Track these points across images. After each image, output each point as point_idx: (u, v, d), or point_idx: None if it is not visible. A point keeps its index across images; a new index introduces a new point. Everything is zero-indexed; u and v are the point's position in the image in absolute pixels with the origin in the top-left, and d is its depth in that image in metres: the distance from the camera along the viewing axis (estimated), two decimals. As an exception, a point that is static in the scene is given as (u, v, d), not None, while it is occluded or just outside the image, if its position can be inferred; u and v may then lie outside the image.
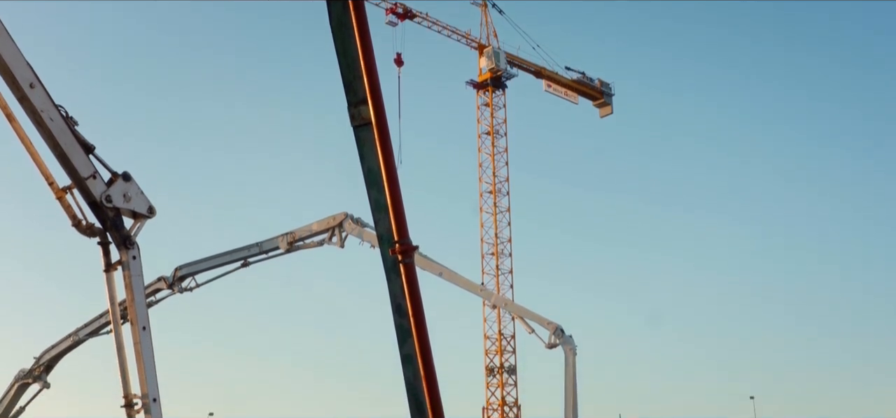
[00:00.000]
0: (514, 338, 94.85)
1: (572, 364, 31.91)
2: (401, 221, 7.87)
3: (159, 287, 30.52)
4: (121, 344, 21.07)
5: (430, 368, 7.08)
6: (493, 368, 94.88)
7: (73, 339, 31.09)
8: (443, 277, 31.24)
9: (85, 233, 14.81)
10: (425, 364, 7.09)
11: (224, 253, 30.65)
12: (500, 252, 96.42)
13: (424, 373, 7.06)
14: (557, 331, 32.25)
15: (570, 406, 31.43)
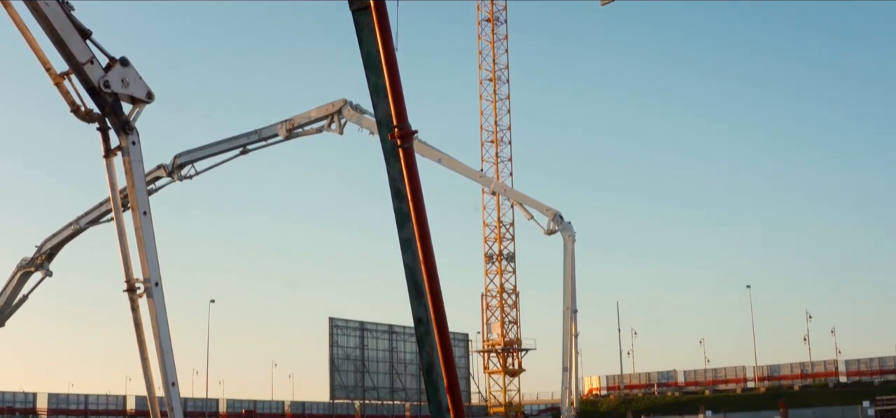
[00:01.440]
0: (513, 225, 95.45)
1: (571, 250, 32.09)
2: (400, 105, 7.83)
3: (159, 175, 30.53)
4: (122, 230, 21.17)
5: (428, 252, 7.10)
6: (492, 255, 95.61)
7: (74, 228, 31.22)
8: (442, 164, 31.22)
9: (84, 119, 14.76)
10: (424, 248, 7.11)
11: (223, 140, 30.59)
12: (499, 139, 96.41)
13: (423, 257, 7.08)
14: (556, 218, 32.36)
15: (569, 291, 31.71)
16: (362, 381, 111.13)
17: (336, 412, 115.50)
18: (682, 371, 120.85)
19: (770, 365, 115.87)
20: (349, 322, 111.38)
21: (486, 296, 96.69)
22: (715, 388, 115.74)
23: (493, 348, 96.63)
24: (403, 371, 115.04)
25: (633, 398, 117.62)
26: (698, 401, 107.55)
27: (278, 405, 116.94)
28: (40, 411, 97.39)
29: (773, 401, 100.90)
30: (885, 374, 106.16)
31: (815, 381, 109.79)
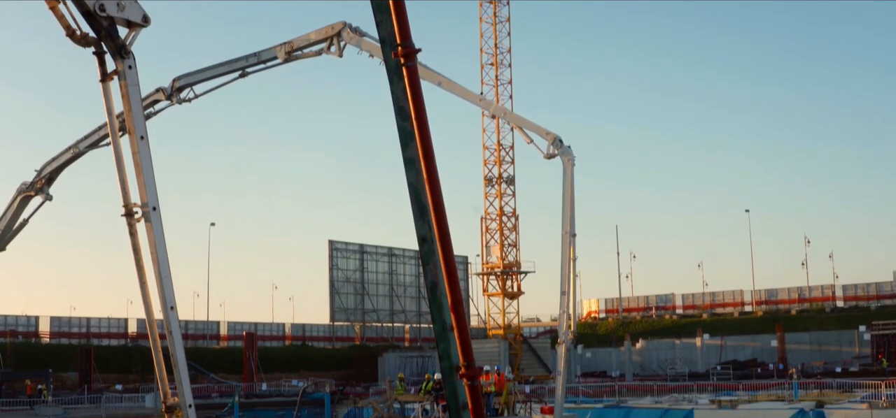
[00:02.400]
0: (512, 149, 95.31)
1: (570, 174, 31.96)
2: (403, 23, 7.73)
3: (157, 98, 30.32)
4: (119, 155, 21.07)
5: (432, 170, 7.06)
6: (492, 178, 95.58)
7: (73, 151, 31.10)
8: (442, 87, 30.98)
9: (79, 43, 14.60)
10: (427, 166, 7.06)
11: (222, 63, 30.34)
12: (499, 62, 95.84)
13: (427, 176, 7.04)
14: (556, 142, 32.17)
15: (568, 215, 31.64)
16: (362, 304, 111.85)
17: (336, 334, 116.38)
18: (680, 294, 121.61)
19: (768, 290, 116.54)
20: (349, 245, 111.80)
21: (485, 219, 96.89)
22: (712, 312, 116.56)
23: (493, 271, 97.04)
24: (403, 293, 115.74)
25: (631, 321, 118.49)
26: (696, 325, 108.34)
27: (279, 327, 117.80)
28: (42, 334, 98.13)
29: (771, 325, 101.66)
30: (882, 299, 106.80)
31: (812, 306, 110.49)
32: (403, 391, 45.45)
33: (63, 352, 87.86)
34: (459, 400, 7.92)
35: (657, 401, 51.98)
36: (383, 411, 41.49)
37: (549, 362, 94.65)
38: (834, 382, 56.41)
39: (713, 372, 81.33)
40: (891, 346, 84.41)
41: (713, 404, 47.48)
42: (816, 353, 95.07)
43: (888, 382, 48.95)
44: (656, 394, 57.99)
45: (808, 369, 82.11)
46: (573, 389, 58.01)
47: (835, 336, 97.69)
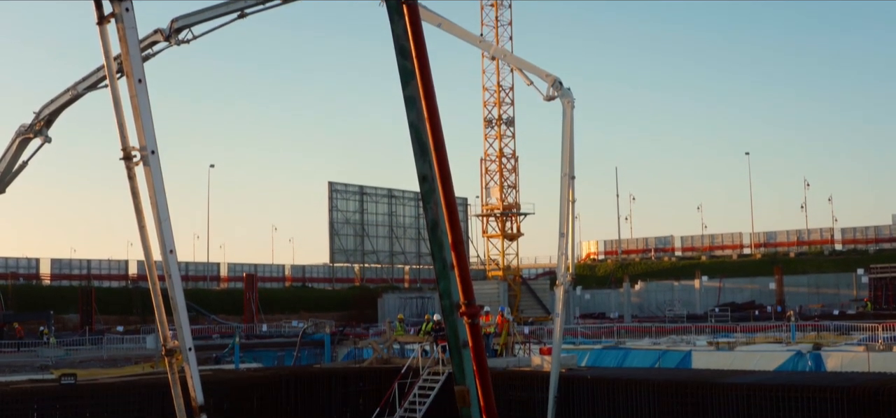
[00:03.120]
0: (512, 90, 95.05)
1: (570, 116, 31.89)
2: (403, -38, 7.66)
3: (156, 39, 30.11)
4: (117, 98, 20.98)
5: (432, 109, 7.05)
6: (492, 120, 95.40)
7: (71, 93, 30.97)
8: (441, 28, 30.80)
9: (77, -17, 14.50)
10: (428, 105, 7.05)
11: (221, 3, 30.11)
12: (499, 3, 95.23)
13: (427, 114, 7.03)
14: (556, 84, 32.06)
15: (567, 157, 31.62)
16: (362, 245, 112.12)
17: (336, 275, 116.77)
18: (679, 237, 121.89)
19: (766, 232, 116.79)
20: (348, 186, 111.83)
21: (485, 161, 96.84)
22: (711, 254, 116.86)
23: (492, 212, 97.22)
24: (403, 235, 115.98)
25: (630, 263, 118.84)
26: (695, 267, 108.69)
27: (279, 268, 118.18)
28: (43, 276, 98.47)
29: (769, 268, 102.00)
30: (881, 243, 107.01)
31: (811, 249, 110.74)
32: (403, 332, 45.72)
33: (64, 294, 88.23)
34: (460, 337, 7.99)
35: (655, 343, 52.30)
36: (383, 352, 41.76)
37: (547, 303, 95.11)
38: (831, 325, 56.69)
39: (711, 314, 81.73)
40: (888, 289, 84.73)
41: (711, 346, 47.79)
42: (814, 296, 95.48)
43: (885, 325, 49.20)
44: (654, 336, 58.32)
45: (806, 312, 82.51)
46: (572, 330, 58.35)
47: (833, 279, 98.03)
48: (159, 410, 32.80)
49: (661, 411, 29.31)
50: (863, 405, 25.12)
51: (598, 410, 30.88)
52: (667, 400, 29.26)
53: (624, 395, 30.27)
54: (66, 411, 31.90)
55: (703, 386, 28.70)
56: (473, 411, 8.44)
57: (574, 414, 31.33)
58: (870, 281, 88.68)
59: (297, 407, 36.60)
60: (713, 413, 28.08)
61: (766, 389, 27.13)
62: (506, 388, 33.28)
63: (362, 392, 38.15)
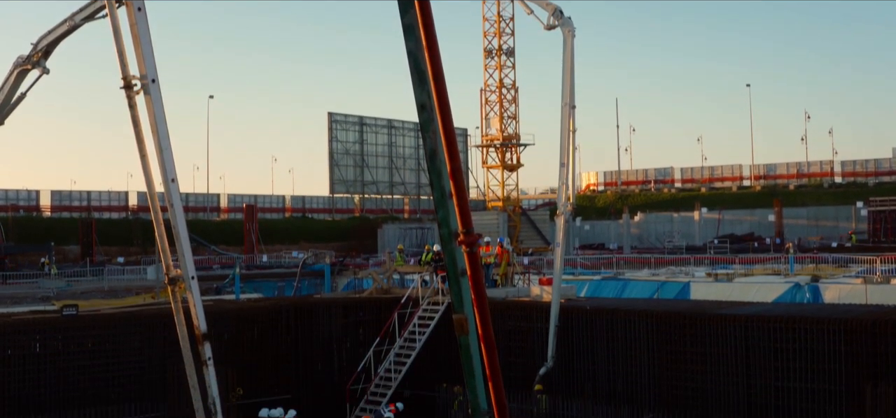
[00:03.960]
0: (512, 20, 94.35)
1: (570, 45, 31.74)
2: None
3: (153, -33, 29.84)
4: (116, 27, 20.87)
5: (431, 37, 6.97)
6: (492, 50, 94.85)
7: (69, 24, 30.75)
8: (441, -43, 30.54)
9: None
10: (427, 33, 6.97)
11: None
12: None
13: (426, 42, 6.95)
14: (556, 12, 31.86)
15: (568, 87, 31.52)
16: (362, 176, 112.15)
17: (336, 206, 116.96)
18: (679, 168, 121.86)
19: (766, 164, 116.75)
20: (348, 117, 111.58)
21: (485, 91, 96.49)
22: (711, 186, 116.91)
23: (492, 143, 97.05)
24: (402, 165, 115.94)
25: (630, 194, 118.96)
26: (694, 199, 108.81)
27: (279, 199, 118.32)
28: (44, 208, 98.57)
29: (769, 200, 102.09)
30: (880, 176, 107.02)
31: (811, 181, 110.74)
32: (403, 262, 45.91)
33: (64, 226, 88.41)
34: (458, 266, 8.00)
35: (654, 274, 52.51)
36: (383, 282, 41.96)
37: (547, 234, 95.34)
38: (830, 257, 56.83)
39: (710, 245, 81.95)
40: (887, 223, 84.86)
41: (710, 277, 47.95)
42: (813, 228, 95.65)
43: (884, 257, 49.35)
44: (653, 267, 58.53)
45: (805, 244, 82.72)
46: (571, 261, 58.53)
47: (832, 211, 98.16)
48: (161, 340, 33.06)
49: (660, 341, 29.54)
50: (860, 336, 25.30)
51: (596, 340, 31.11)
52: (665, 331, 29.47)
53: (623, 326, 30.47)
54: (68, 341, 32.14)
55: (701, 318, 28.88)
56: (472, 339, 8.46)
57: (573, 343, 31.56)
58: (869, 214, 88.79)
59: (297, 336, 36.87)
60: (711, 343, 28.30)
61: (764, 320, 27.31)
62: (505, 318, 33.51)
63: (362, 322, 38.39)
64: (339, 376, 37.00)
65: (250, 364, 35.01)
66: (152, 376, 32.62)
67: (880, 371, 24.71)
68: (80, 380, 31.68)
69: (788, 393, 26.54)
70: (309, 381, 36.65)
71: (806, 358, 26.28)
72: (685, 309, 30.88)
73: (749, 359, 27.50)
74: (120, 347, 32.81)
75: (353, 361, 36.79)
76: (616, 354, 30.59)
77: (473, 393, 10.28)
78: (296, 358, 36.72)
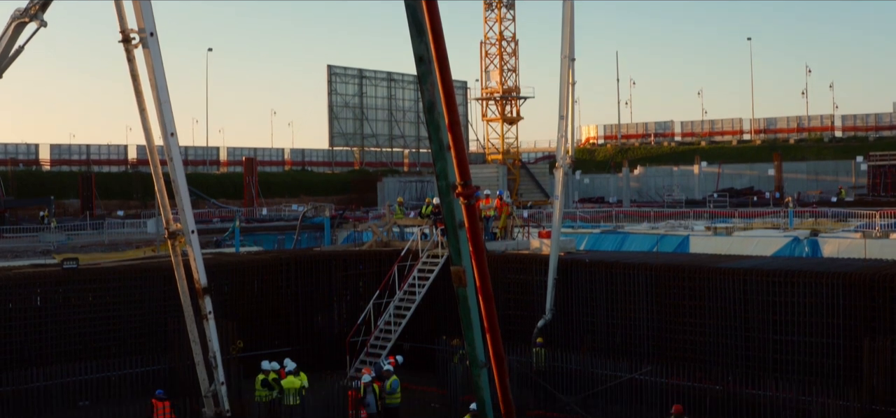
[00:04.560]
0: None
1: None
2: None
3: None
4: (114, -22, 20.71)
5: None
6: (492, 2, 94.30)
7: (66, -26, 30.57)
8: None
9: None
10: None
11: None
12: None
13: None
14: (557, -35, 31.66)
15: (568, 39, 31.41)
16: (361, 129, 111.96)
17: (335, 159, 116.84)
18: (679, 122, 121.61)
19: (767, 118, 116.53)
20: (347, 69, 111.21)
21: (484, 44, 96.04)
22: (711, 140, 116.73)
23: (492, 96, 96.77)
24: (402, 118, 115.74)
25: (630, 148, 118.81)
26: (694, 152, 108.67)
27: (278, 152, 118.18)
28: (43, 162, 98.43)
29: (769, 154, 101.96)
30: (881, 130, 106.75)
31: (811, 135, 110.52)
32: (402, 215, 45.94)
33: (64, 180, 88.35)
34: (456, 218, 8.02)
35: (654, 228, 52.56)
36: (382, 235, 42.02)
37: (547, 187, 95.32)
38: (829, 212, 56.84)
39: (710, 199, 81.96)
40: (887, 177, 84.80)
41: (709, 231, 48.00)
42: (813, 183, 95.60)
43: (883, 212, 49.38)
44: (653, 221, 58.57)
45: (805, 198, 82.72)
46: (570, 214, 58.56)
47: (832, 166, 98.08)
48: (161, 293, 33.18)
49: (659, 294, 29.63)
50: (858, 291, 25.37)
51: (595, 293, 31.20)
52: (664, 284, 29.56)
53: (621, 279, 30.55)
54: (69, 295, 32.24)
55: (700, 271, 28.95)
56: (469, 291, 8.53)
57: (572, 296, 31.66)
58: (869, 168, 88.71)
59: (297, 290, 36.99)
60: (710, 297, 28.39)
61: (763, 274, 27.38)
62: (504, 271, 33.59)
63: (362, 275, 38.52)
64: (338, 329, 37.19)
65: (250, 316, 35.18)
66: (153, 329, 32.77)
67: (878, 325, 24.81)
68: (80, 334, 31.82)
69: (786, 346, 26.66)
70: (309, 334, 36.85)
71: (804, 312, 26.37)
72: (684, 262, 30.93)
73: (747, 313, 27.61)
74: (120, 301, 32.92)
75: (352, 314, 36.96)
76: (615, 307, 30.70)
77: (471, 344, 10.35)
78: (296, 310, 36.88)
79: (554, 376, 28.40)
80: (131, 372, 29.64)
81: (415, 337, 35.62)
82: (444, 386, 29.24)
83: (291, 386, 26.14)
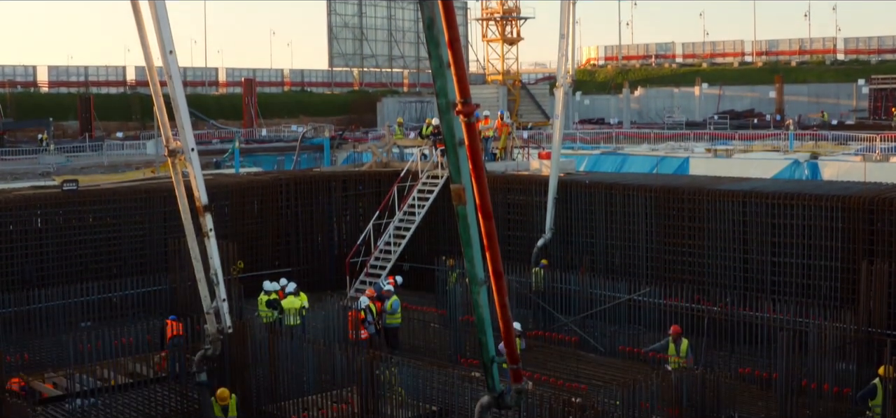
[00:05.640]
0: None
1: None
2: None
3: None
4: None
5: None
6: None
7: None
8: None
9: None
10: None
11: None
12: None
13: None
14: None
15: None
16: (361, 49, 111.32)
17: (335, 80, 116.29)
18: (681, 43, 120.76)
19: (768, 40, 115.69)
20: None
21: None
22: (712, 61, 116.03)
23: (492, 16, 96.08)
24: (402, 39, 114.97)
25: (630, 69, 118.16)
26: (695, 74, 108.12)
27: (277, 73, 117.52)
28: (41, 84, 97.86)
29: (770, 76, 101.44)
30: (883, 54, 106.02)
31: (813, 58, 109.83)
32: (402, 136, 45.85)
33: (62, 101, 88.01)
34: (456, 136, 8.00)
35: (654, 149, 52.54)
36: (382, 156, 41.98)
37: (547, 108, 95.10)
38: (829, 135, 56.76)
39: (710, 121, 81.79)
40: (888, 101, 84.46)
41: (709, 153, 48.00)
42: (814, 105, 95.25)
43: (883, 136, 49.32)
44: (653, 142, 58.53)
45: (805, 121, 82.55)
46: (570, 135, 58.51)
47: (833, 89, 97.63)
48: (162, 214, 33.25)
49: (658, 216, 29.67)
50: (857, 214, 25.39)
51: (594, 214, 31.24)
52: (663, 206, 29.57)
53: (621, 200, 30.56)
54: (69, 216, 32.30)
55: (699, 193, 28.93)
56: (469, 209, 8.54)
57: (571, 217, 31.71)
58: (870, 91, 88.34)
59: (297, 210, 37.05)
60: (709, 218, 28.42)
61: (763, 196, 27.37)
62: (504, 192, 33.60)
63: (362, 195, 38.57)
64: (338, 249, 37.34)
65: (250, 238, 35.29)
66: (153, 250, 32.90)
67: (876, 248, 24.85)
68: (81, 255, 31.94)
69: (784, 268, 26.75)
70: (309, 255, 37.00)
71: (803, 234, 26.41)
72: (684, 184, 30.91)
73: (746, 235, 27.65)
74: (121, 221, 33.00)
75: (352, 234, 37.08)
76: (614, 229, 30.75)
77: (471, 262, 10.39)
78: (296, 231, 36.97)
79: (552, 297, 28.53)
80: (132, 293, 29.78)
81: (414, 257, 35.78)
82: (443, 306, 29.40)
83: (291, 307, 26.29)
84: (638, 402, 16.83)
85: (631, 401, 16.68)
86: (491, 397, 12.06)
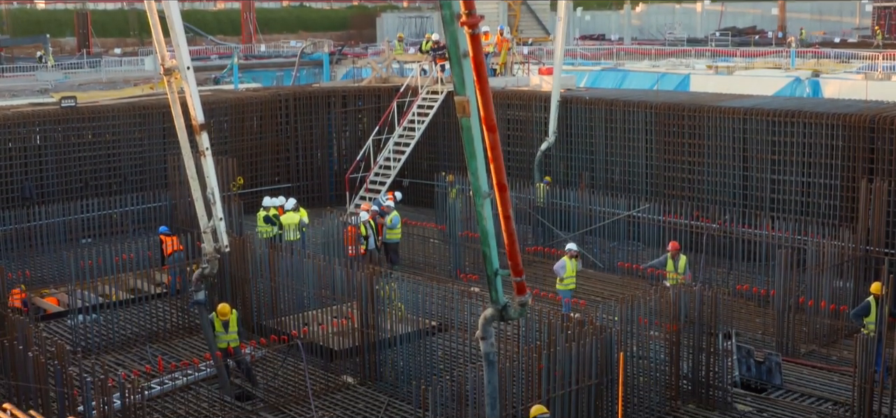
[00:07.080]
0: None
1: None
2: None
3: None
4: None
5: None
6: None
7: None
8: None
9: None
10: None
11: None
12: None
13: None
14: None
15: None
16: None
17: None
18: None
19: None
20: None
21: None
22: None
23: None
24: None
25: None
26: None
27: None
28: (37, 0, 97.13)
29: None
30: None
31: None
32: (402, 51, 45.60)
33: (59, 18, 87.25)
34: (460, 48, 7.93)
35: (654, 65, 52.26)
36: (382, 71, 41.78)
37: (547, 24, 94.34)
38: (832, 52, 56.39)
39: (711, 38, 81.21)
40: (892, 19, 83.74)
41: (710, 69, 47.76)
42: (817, 23, 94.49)
43: (885, 54, 49.03)
44: (654, 59, 58.19)
45: (807, 38, 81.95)
46: (571, 51, 58.10)
47: (836, 6, 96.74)
48: (160, 130, 33.22)
49: (658, 132, 29.65)
50: (858, 132, 25.36)
51: (595, 131, 31.22)
52: (664, 122, 29.54)
53: (621, 116, 30.53)
54: (68, 133, 32.29)
55: (700, 109, 28.89)
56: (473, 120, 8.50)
57: (572, 133, 31.69)
58: (874, 9, 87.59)
59: (296, 126, 36.99)
60: (709, 135, 28.41)
61: (763, 113, 27.32)
62: (504, 108, 33.53)
63: (361, 111, 38.50)
64: (338, 165, 37.40)
65: (250, 153, 35.31)
66: (153, 166, 32.97)
67: (876, 166, 24.88)
68: (81, 172, 32.00)
69: (784, 185, 26.81)
70: (309, 170, 37.06)
71: (803, 152, 26.43)
72: (684, 100, 30.83)
73: (746, 152, 27.67)
74: (120, 138, 33.00)
75: (352, 150, 37.09)
76: (614, 145, 30.76)
77: (475, 174, 10.37)
78: (296, 147, 36.97)
79: (552, 213, 28.61)
80: (132, 209, 29.85)
81: (414, 173, 35.82)
82: (442, 221, 29.49)
83: (291, 222, 26.36)
84: (636, 318, 16.94)
85: (629, 317, 16.78)
86: (494, 309, 12.13)
